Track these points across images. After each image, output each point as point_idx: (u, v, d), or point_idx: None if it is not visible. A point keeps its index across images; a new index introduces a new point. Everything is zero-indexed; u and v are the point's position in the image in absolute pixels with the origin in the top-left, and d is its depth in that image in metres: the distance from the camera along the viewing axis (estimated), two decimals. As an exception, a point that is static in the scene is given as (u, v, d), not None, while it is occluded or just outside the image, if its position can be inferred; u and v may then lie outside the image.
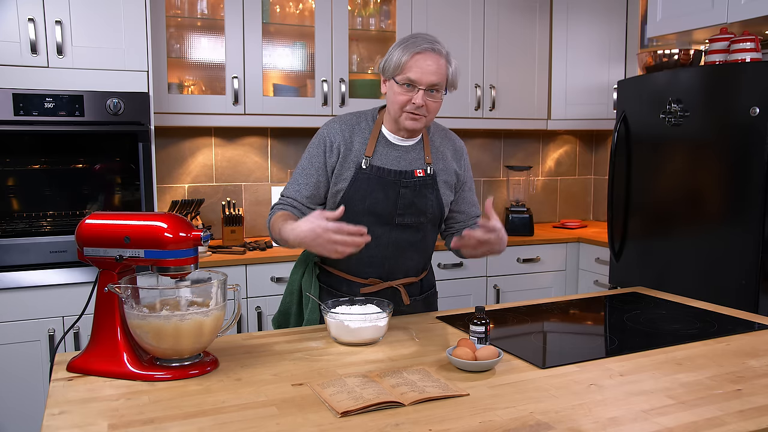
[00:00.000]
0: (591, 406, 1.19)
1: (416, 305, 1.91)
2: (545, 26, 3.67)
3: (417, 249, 1.84)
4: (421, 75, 1.66)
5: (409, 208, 1.77)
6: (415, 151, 1.81)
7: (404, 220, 1.78)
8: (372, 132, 1.79)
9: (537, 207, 4.08)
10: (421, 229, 1.82)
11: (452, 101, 3.46)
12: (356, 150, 1.77)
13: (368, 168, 1.75)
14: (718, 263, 2.52)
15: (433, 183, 1.80)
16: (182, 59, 3.10)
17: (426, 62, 1.66)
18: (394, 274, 1.83)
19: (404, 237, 1.80)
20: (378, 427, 1.10)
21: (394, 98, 1.71)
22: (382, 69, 1.75)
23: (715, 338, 1.63)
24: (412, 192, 1.77)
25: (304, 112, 3.16)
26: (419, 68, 1.66)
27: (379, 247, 1.78)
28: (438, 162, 1.83)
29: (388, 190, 1.75)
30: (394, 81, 1.70)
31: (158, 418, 1.13)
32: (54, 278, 2.51)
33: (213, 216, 3.34)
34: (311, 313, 1.85)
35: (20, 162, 2.52)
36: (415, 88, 1.67)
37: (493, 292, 3.37)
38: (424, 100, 1.67)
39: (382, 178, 1.75)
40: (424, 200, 1.79)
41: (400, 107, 1.70)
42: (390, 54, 1.71)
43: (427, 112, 1.70)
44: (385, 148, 1.79)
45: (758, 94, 2.35)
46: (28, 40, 2.45)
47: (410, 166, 1.79)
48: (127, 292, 1.31)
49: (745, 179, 2.41)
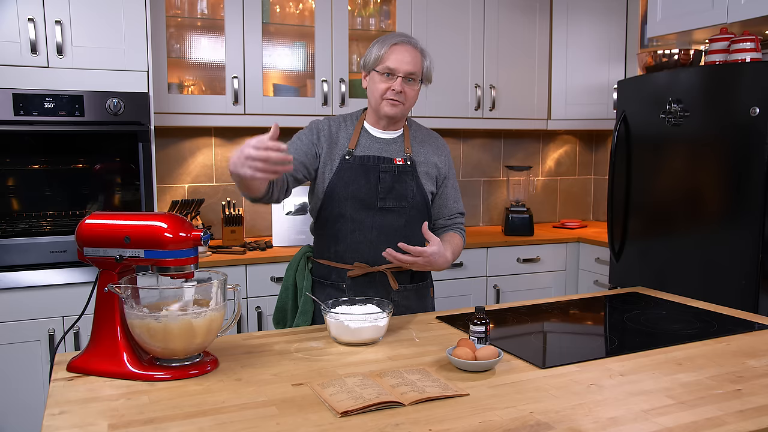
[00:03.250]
0: (591, 406, 1.19)
1: (408, 295, 1.94)
2: (545, 26, 3.67)
3: (402, 234, 1.87)
4: (399, 63, 1.81)
5: (389, 193, 1.86)
6: (396, 144, 1.93)
7: (386, 204, 1.87)
8: (356, 127, 1.92)
9: (537, 207, 4.08)
10: (404, 214, 1.88)
11: (452, 101, 3.47)
12: (341, 144, 1.89)
13: (351, 158, 1.87)
14: (718, 263, 2.52)
15: (413, 171, 1.90)
16: (182, 59, 3.10)
17: (402, 52, 1.82)
18: (381, 259, 1.85)
19: (387, 221, 1.87)
20: (378, 427, 1.10)
21: (375, 87, 1.85)
22: (363, 65, 1.89)
23: (715, 338, 1.63)
24: (391, 177, 1.87)
25: (304, 112, 3.16)
26: (397, 57, 1.81)
27: (364, 231, 1.86)
28: (419, 154, 1.93)
29: (369, 176, 1.86)
30: (375, 71, 1.84)
31: (158, 418, 1.13)
32: (54, 278, 2.51)
33: (213, 216, 3.34)
34: (304, 305, 1.90)
35: (20, 162, 2.52)
36: (394, 75, 1.82)
37: (493, 292, 3.37)
38: (402, 86, 1.82)
39: (363, 165, 1.86)
40: (404, 185, 1.88)
41: (380, 95, 1.84)
42: (369, 50, 1.87)
43: (405, 98, 1.84)
44: (368, 141, 1.91)
45: (758, 94, 2.35)
46: (28, 40, 2.45)
47: (390, 155, 1.90)
48: (127, 292, 1.31)
49: (745, 179, 2.41)
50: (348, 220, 1.86)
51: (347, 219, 1.86)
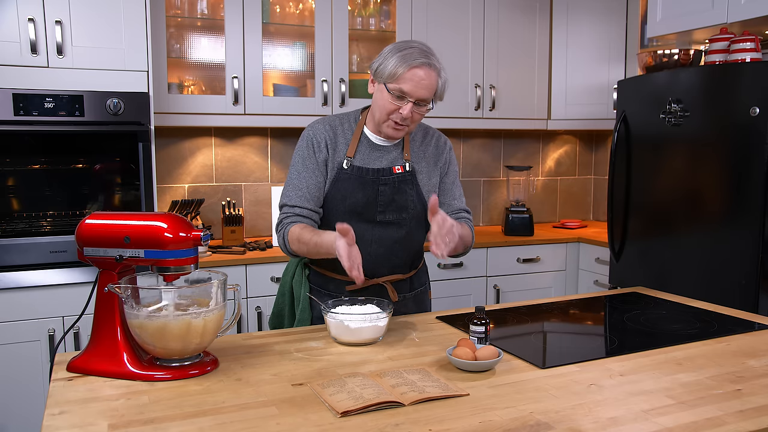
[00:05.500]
0: (591, 406, 1.19)
1: (406, 303, 1.91)
2: (545, 26, 3.67)
3: (402, 246, 1.85)
4: (413, 89, 1.67)
5: (389, 205, 1.80)
6: (396, 150, 1.85)
7: (386, 217, 1.80)
8: (354, 133, 1.83)
9: (537, 207, 4.08)
10: (404, 226, 1.83)
11: (452, 101, 3.46)
12: (340, 151, 1.81)
13: (349, 168, 1.79)
14: (718, 263, 2.52)
15: (413, 179, 1.83)
16: (182, 59, 3.10)
17: (420, 77, 1.67)
18: (380, 271, 1.83)
19: (387, 234, 1.82)
20: (378, 427, 1.10)
21: (382, 104, 1.72)
22: (375, 71, 1.74)
23: (715, 338, 1.63)
24: (391, 189, 1.79)
25: (304, 112, 3.16)
26: (413, 82, 1.67)
27: (363, 245, 1.77)
28: (419, 161, 1.86)
29: (368, 189, 1.78)
30: (386, 88, 1.70)
31: (158, 418, 1.13)
32: (54, 278, 2.51)
33: (213, 216, 3.34)
34: (302, 313, 1.87)
35: (20, 162, 2.52)
36: (405, 99, 1.69)
37: (493, 292, 3.37)
38: (411, 112, 1.70)
39: (361, 177, 1.78)
40: (404, 196, 1.81)
41: (386, 114, 1.72)
42: (385, 59, 1.70)
43: (410, 122, 1.74)
44: (367, 148, 1.82)
45: (758, 94, 2.35)
46: (28, 40, 2.45)
47: (389, 164, 1.82)
48: (127, 292, 1.31)
49: (745, 179, 2.41)
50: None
51: None
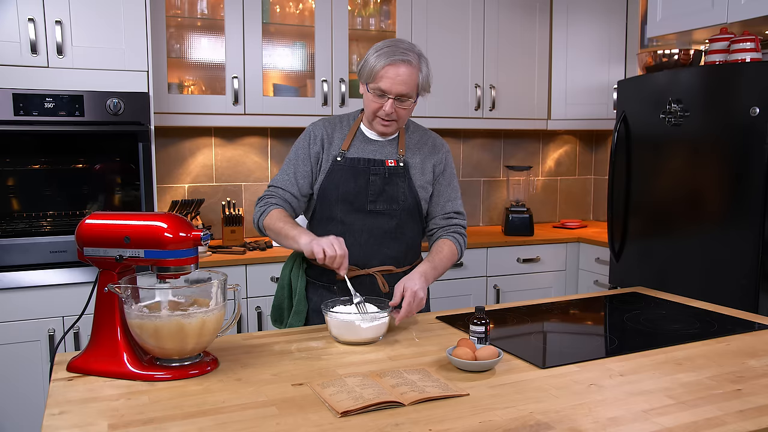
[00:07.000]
0: (591, 406, 1.19)
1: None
2: (545, 26, 3.67)
3: (393, 237, 1.86)
4: (390, 86, 1.74)
5: (380, 195, 1.84)
6: (391, 146, 1.90)
7: (376, 206, 1.84)
8: (351, 128, 1.90)
9: (537, 207, 4.08)
10: (395, 216, 1.86)
11: (452, 101, 3.47)
12: (335, 145, 1.88)
13: (343, 160, 1.85)
14: (718, 263, 2.52)
15: (405, 173, 1.87)
16: (182, 59, 3.10)
17: (396, 74, 1.73)
18: (370, 261, 1.85)
19: (378, 224, 1.85)
20: (378, 427, 1.10)
21: (368, 103, 1.81)
22: (359, 73, 1.82)
23: (715, 338, 1.63)
24: (381, 179, 1.84)
25: (304, 112, 3.16)
26: (389, 79, 1.73)
27: (354, 234, 1.83)
28: (414, 156, 1.90)
29: (359, 178, 1.84)
30: (367, 88, 1.79)
31: (158, 418, 1.13)
32: (54, 278, 2.51)
33: (213, 216, 3.34)
34: (298, 305, 1.90)
35: (20, 162, 2.52)
36: (385, 96, 1.75)
37: (493, 292, 3.37)
38: (393, 108, 1.77)
39: (354, 167, 1.84)
40: (395, 188, 1.85)
41: (372, 112, 1.81)
42: (366, 59, 1.78)
43: (397, 117, 1.80)
44: (362, 142, 1.89)
45: (758, 94, 2.35)
46: (28, 40, 2.45)
47: (383, 157, 1.87)
48: (127, 292, 1.31)
49: (745, 179, 2.41)
50: (338, 223, 1.84)
51: (337, 221, 1.84)
